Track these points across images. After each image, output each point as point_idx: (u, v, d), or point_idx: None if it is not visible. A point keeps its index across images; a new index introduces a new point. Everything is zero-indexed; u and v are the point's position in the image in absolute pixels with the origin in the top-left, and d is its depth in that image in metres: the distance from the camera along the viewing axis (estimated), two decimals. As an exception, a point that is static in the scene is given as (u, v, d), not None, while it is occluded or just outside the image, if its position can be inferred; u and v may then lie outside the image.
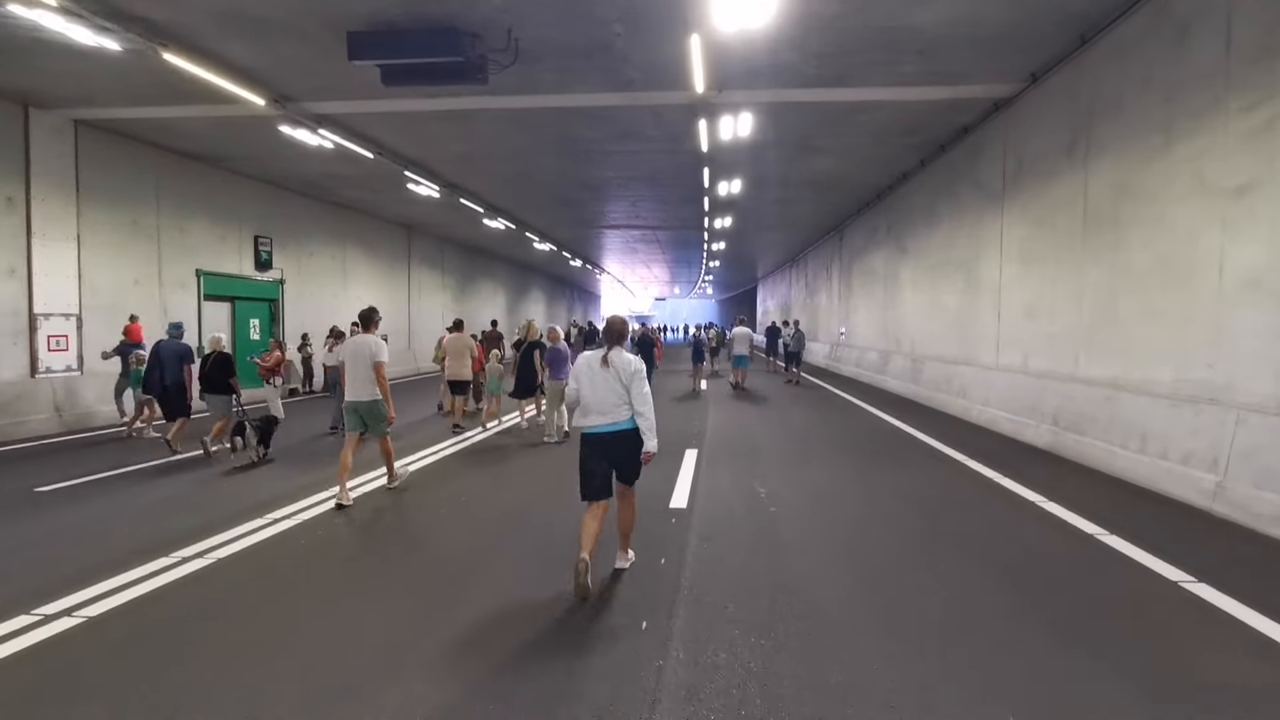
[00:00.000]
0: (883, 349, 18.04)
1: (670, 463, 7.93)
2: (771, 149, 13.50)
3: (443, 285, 28.67)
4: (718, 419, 12.04)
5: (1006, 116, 10.56)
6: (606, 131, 12.50)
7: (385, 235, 23.27)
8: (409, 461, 8.42)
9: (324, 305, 19.61)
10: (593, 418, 4.43)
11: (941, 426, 10.74)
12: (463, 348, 11.09)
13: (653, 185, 17.37)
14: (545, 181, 17.08)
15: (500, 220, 22.18)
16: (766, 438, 10.12)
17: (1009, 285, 10.54)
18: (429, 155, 14.44)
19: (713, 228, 24.24)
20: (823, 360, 25.30)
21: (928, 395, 13.48)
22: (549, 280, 47.77)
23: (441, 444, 9.77)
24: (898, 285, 16.80)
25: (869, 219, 19.60)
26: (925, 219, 14.62)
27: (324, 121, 11.71)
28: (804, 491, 6.84)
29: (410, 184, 16.69)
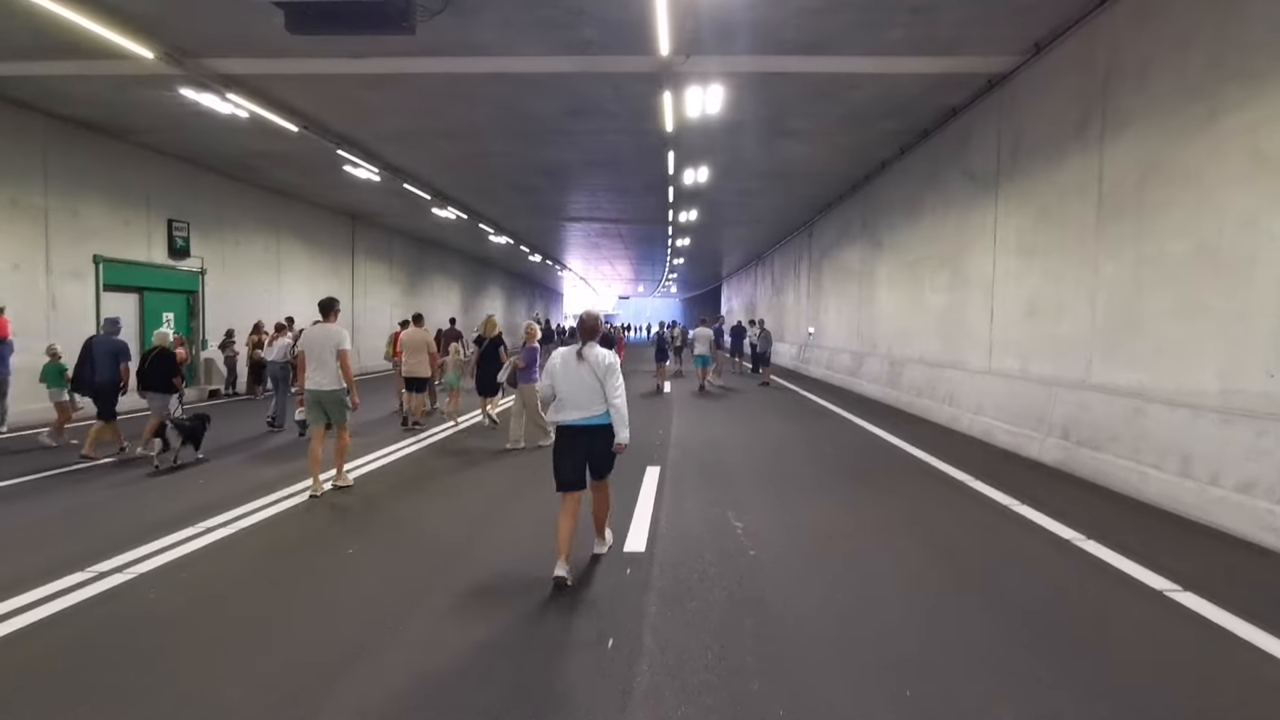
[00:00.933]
0: (856, 350, 17.07)
1: (628, 485, 6.66)
2: (742, 131, 12.33)
3: (391, 279, 26.94)
4: (683, 427, 10.83)
5: (1002, 95, 9.56)
6: (561, 105, 11.17)
7: (326, 224, 21.52)
8: (357, 465, 7.92)
9: (254, 298, 17.84)
10: (568, 412, 4.45)
11: (930, 437, 9.70)
12: (420, 343, 10.64)
13: (614, 172, 16.09)
14: (497, 165, 15.66)
15: (451, 209, 20.65)
16: (738, 451, 8.94)
17: (1004, 281, 9.54)
18: (362, 131, 12.90)
19: (678, 222, 23.07)
20: (790, 361, 24.34)
21: (908, 401, 12.49)
22: (508, 276, 46.09)
23: (396, 444, 9.22)
24: (873, 283, 15.83)
25: (842, 213, 18.63)
26: (905, 211, 13.64)
27: (232, 84, 10.14)
28: (788, 525, 5.63)
29: (347, 166, 15.12)
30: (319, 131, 12.61)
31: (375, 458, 8.43)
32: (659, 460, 8.11)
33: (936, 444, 9.13)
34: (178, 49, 9.03)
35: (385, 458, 8.51)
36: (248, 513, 5.96)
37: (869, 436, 10.07)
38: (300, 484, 6.84)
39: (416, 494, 6.87)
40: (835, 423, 11.51)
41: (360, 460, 8.14)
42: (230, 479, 7.32)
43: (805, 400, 14.85)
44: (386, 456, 8.57)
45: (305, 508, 6.22)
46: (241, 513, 5.95)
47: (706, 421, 11.61)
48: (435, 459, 8.63)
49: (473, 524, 5.84)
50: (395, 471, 7.88)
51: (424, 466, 8.17)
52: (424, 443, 9.57)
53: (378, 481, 7.32)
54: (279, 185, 17.87)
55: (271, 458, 8.65)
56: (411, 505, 6.46)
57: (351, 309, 23.33)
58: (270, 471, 7.66)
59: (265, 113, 11.19)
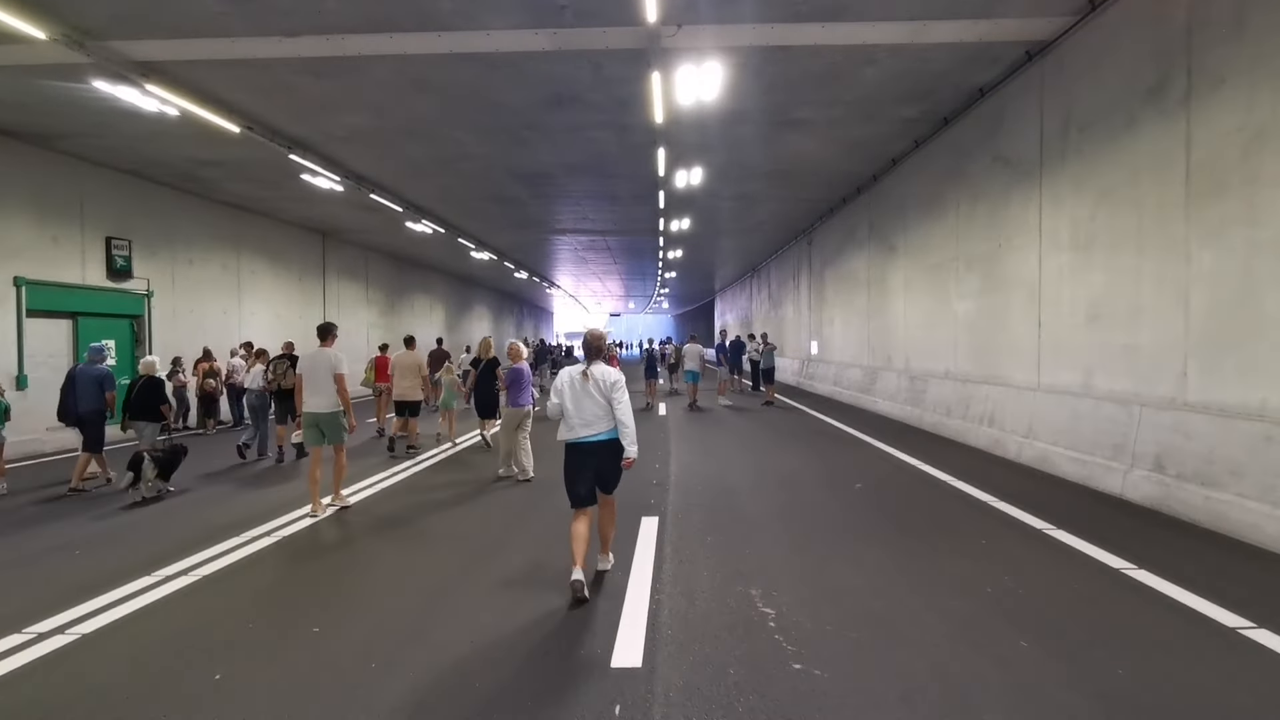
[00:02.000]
0: (868, 365, 15.68)
1: (620, 544, 5.22)
2: (741, 122, 11.00)
3: (368, 299, 25.48)
4: (684, 457, 9.36)
5: (1044, 68, 8.25)
6: (534, 94, 9.81)
7: (293, 242, 20.07)
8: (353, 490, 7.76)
9: (211, 323, 16.35)
10: (577, 430, 4.56)
11: (974, 466, 8.27)
12: (413, 366, 10.54)
13: (599, 177, 14.73)
14: (470, 172, 14.28)
15: (426, 223, 19.25)
16: (751, 490, 7.46)
17: (1055, 282, 8.17)
18: (315, 131, 11.49)
19: (669, 232, 21.73)
20: (793, 378, 22.94)
21: (935, 421, 11.07)
22: (495, 294, 44.69)
23: (386, 471, 8.98)
24: (886, 290, 14.47)
25: (846, 218, 17.33)
26: (923, 211, 12.31)
27: (150, 73, 8.73)
28: (837, 608, 4.15)
29: (305, 175, 13.74)
30: (265, 133, 11.20)
31: (364, 486, 8.07)
32: (657, 506, 6.64)
33: (986, 476, 7.69)
34: (77, 29, 7.63)
35: (374, 486, 8.13)
36: (219, 553, 5.57)
37: (900, 466, 8.62)
38: (274, 521, 6.55)
39: (405, 533, 5.97)
40: (857, 449, 10.06)
41: (355, 486, 7.99)
42: (202, 513, 7.01)
43: (816, 422, 13.41)
44: (375, 485, 8.18)
45: (276, 548, 5.78)
46: (213, 553, 5.56)
47: (710, 450, 10.14)
48: (431, 487, 7.95)
49: (458, 581, 4.37)
50: (387, 502, 7.38)
51: (419, 497, 7.61)
52: (408, 472, 8.42)
53: (370, 513, 6.91)
54: (237, 199, 16.43)
55: (247, 490, 8.20)
56: (397, 547, 5.73)
57: (323, 332, 21.79)
58: (243, 507, 7.15)
59: (198, 109, 9.78)
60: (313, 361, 6.90)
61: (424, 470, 9.11)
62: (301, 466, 9.44)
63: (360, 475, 8.56)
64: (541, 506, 6.93)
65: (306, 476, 7.15)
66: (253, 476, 9.00)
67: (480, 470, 8.99)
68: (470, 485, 8.09)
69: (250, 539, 5.93)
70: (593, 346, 4.73)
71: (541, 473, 8.32)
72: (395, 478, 8.60)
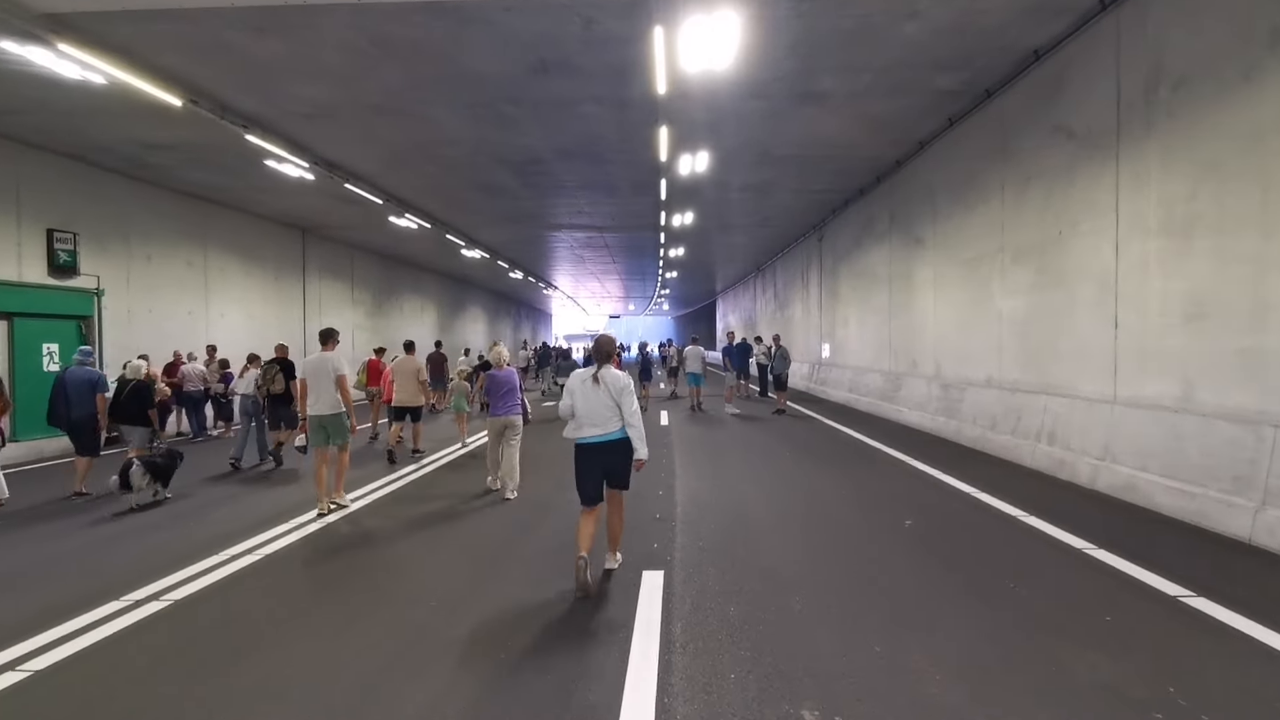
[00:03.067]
0: (889, 370, 14.32)
1: (619, 611, 3.90)
2: (755, 94, 9.65)
3: (353, 300, 24.13)
4: (691, 482, 7.99)
5: (1121, 15, 6.91)
6: (514, 59, 8.46)
7: (269, 237, 18.70)
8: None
9: (174, 325, 14.99)
10: (586, 429, 4.71)
11: (1041, 495, 6.90)
12: (412, 371, 10.39)
13: (595, 163, 13.38)
14: (453, 158, 12.93)
15: (410, 217, 17.89)
16: (777, 531, 6.08)
17: (1138, 273, 6.81)
18: (271, 106, 10.12)
19: (670, 227, 20.39)
20: (802, 382, 21.58)
21: (975, 435, 9.71)
22: (490, 295, 43.31)
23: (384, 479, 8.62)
24: (910, 288, 13.12)
25: (863, 209, 15.98)
26: (956, 198, 10.96)
27: (61, 29, 7.38)
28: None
29: (270, 161, 12.40)
30: (213, 108, 9.85)
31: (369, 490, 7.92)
32: (662, 554, 5.26)
33: (1060, 508, 6.31)
34: (-44, -33, 6.29)
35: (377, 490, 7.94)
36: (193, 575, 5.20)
37: (950, 493, 7.25)
38: (264, 533, 6.28)
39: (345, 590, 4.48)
40: (890, 469, 8.70)
41: (363, 491, 7.90)
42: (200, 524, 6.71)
43: (835, 434, 12.04)
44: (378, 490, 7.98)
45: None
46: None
47: (721, 471, 8.78)
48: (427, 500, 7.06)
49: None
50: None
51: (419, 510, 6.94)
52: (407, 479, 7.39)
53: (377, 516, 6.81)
54: (201, 189, 15.06)
55: (240, 498, 7.85)
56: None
57: (303, 333, 20.47)
58: (223, 522, 6.74)
59: (125, 75, 8.42)
60: (315, 365, 7.08)
61: (408, 485, 8.45)
62: (287, 475, 9.27)
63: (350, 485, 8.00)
64: (519, 544, 5.57)
65: (280, 490, 7.58)
66: (243, 485, 8.64)
67: (471, 483, 8.29)
68: (447, 505, 7.10)
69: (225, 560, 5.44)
70: (603, 351, 4.93)
71: (529, 489, 7.08)
72: (370, 496, 7.34)
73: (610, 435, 4.70)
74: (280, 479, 8.99)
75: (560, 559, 5.09)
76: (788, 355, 15.95)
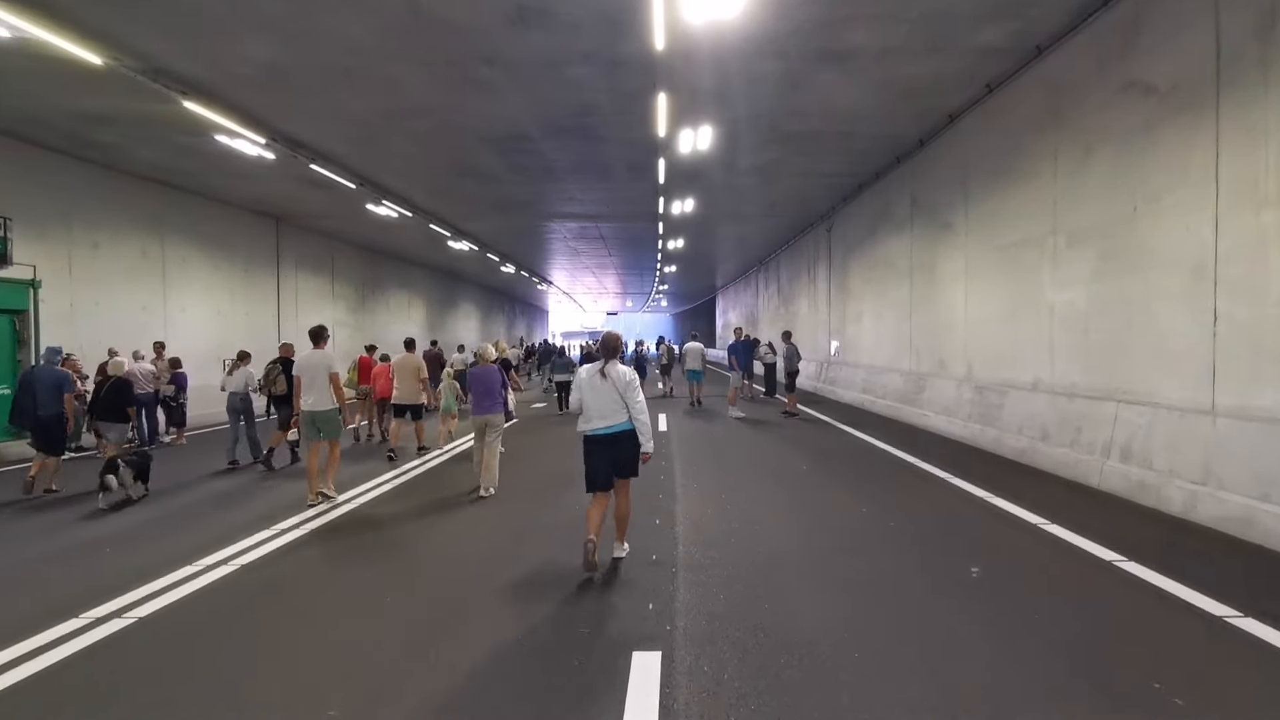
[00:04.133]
0: (910, 369, 13.04)
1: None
2: (768, 53, 8.35)
3: (334, 294, 22.80)
4: (694, 506, 6.68)
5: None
6: (489, 6, 7.14)
7: (237, 225, 17.37)
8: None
9: (126, 319, 13.68)
10: (595, 422, 4.92)
11: (1127, 528, 5.60)
12: (412, 369, 10.26)
13: (586, 139, 12.05)
14: (427, 133, 11.60)
15: (389, 204, 16.56)
16: (808, 580, 4.75)
17: (1249, 254, 5.49)
18: (214, 67, 8.75)
19: (669, 216, 19.08)
20: (809, 382, 20.30)
21: (1023, 447, 8.42)
22: (483, 291, 41.97)
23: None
24: (935, 280, 11.83)
25: (879, 195, 14.68)
26: (994, 176, 9.66)
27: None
28: None
29: (221, 136, 11.08)
30: (142, 69, 8.54)
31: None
32: (658, 620, 3.95)
33: (1176, 556, 4.96)
34: None
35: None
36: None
37: (1015, 525, 5.94)
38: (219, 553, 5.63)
39: None
40: (926, 487, 7.41)
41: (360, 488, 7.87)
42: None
43: (853, 441, 10.75)
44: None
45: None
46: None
47: (729, 490, 7.48)
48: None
49: None
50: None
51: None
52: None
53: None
54: (155, 171, 13.73)
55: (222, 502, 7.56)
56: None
57: (277, 329, 19.15)
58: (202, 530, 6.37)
59: (25, 24, 7.11)
60: (309, 362, 7.28)
61: (390, 492, 8.02)
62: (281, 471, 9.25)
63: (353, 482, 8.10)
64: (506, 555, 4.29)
65: (254, 495, 7.59)
66: (234, 485, 8.46)
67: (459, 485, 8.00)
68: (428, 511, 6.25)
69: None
70: (610, 347, 5.13)
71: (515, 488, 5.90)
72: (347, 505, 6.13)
73: (616, 427, 4.90)
74: (277, 475, 9.02)
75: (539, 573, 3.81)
76: (797, 353, 14.64)
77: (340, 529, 6.27)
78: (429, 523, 6.44)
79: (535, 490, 7.74)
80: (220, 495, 7.87)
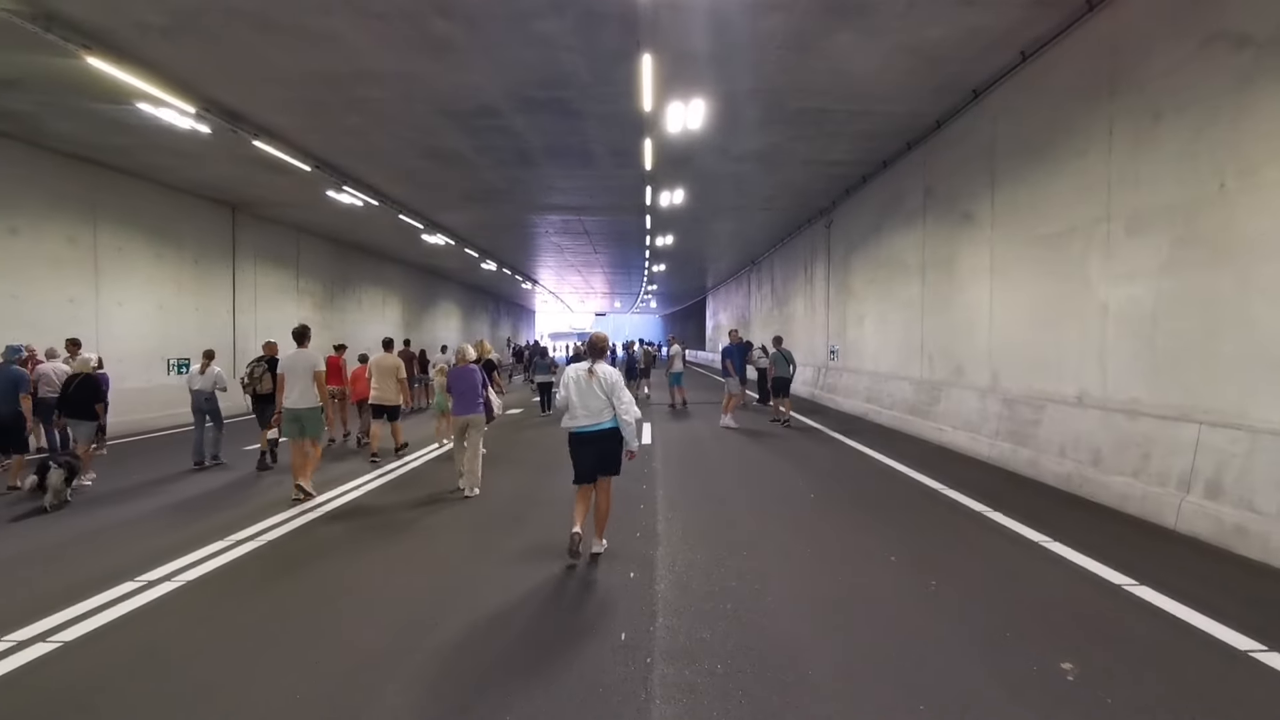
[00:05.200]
0: (922, 377, 11.77)
1: None
2: (774, 3, 7.06)
3: (299, 290, 21.28)
4: (679, 550, 5.33)
5: None
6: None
7: (185, 212, 15.85)
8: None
9: (49, 314, 12.18)
10: (581, 419, 5.11)
11: (1258, 594, 4.35)
12: (391, 369, 10.10)
13: (562, 114, 10.69)
14: (384, 106, 10.20)
15: (350, 190, 15.13)
16: (840, 682, 3.48)
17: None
18: (114, 11, 7.37)
19: (657, 209, 17.76)
20: (805, 388, 19.04)
21: (1065, 472, 7.14)
22: (465, 290, 40.45)
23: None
24: (953, 277, 10.57)
25: (886, 186, 13.43)
26: (1030, 154, 8.40)
27: None
28: None
29: (144, 104, 9.68)
30: (32, 13, 7.14)
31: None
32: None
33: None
34: None
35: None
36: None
37: (1098, 588, 4.59)
38: None
39: None
40: (971, 529, 6.10)
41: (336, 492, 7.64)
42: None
43: (865, 460, 9.44)
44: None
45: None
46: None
47: (724, 526, 6.15)
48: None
49: None
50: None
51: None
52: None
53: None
54: (83, 148, 12.27)
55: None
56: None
57: (233, 327, 17.69)
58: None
59: None
60: (293, 362, 7.39)
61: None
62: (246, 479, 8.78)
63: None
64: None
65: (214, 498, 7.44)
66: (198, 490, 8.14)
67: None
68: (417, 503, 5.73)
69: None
70: (597, 347, 5.33)
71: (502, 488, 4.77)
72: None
73: (601, 425, 5.09)
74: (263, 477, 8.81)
75: None
76: (791, 358, 13.35)
77: (314, 531, 4.95)
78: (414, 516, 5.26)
79: (513, 499, 6.50)
80: (210, 494, 7.87)
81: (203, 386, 9.61)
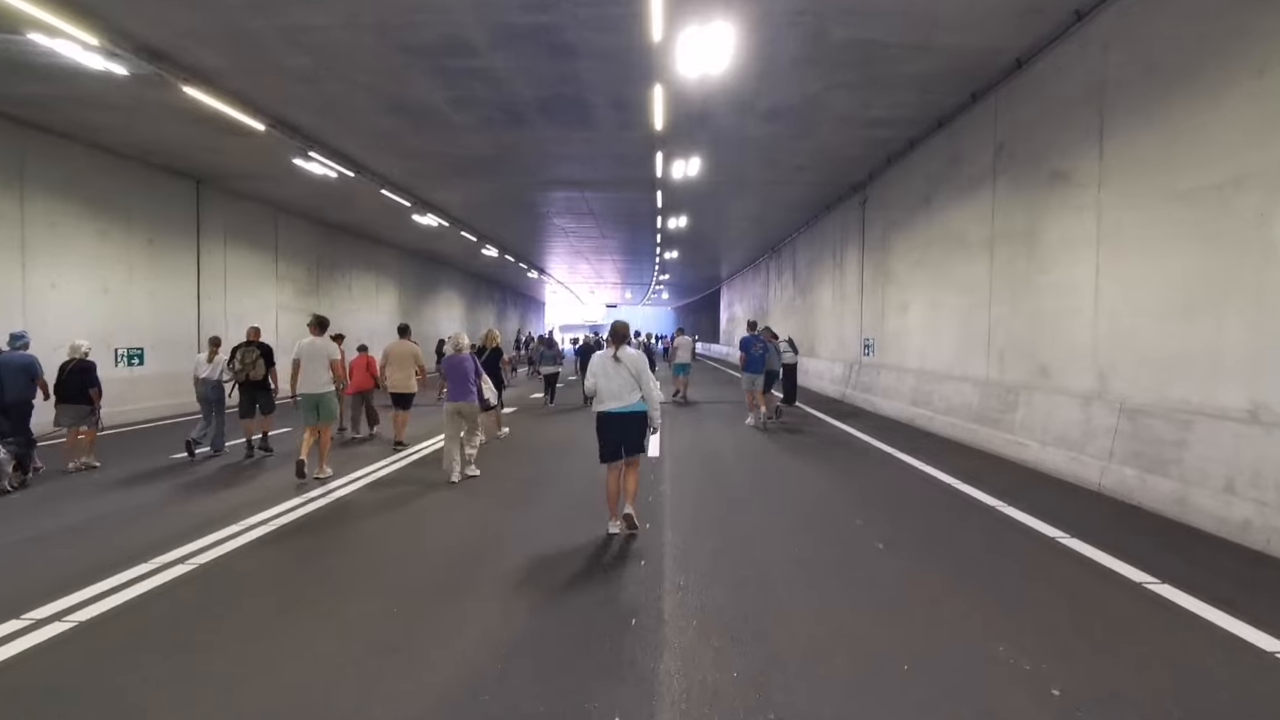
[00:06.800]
0: (990, 377, 9.70)
1: None
2: None
3: (279, 275, 19.48)
4: (689, 643, 3.40)
5: None
6: None
7: (138, 185, 14.02)
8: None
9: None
10: (609, 402, 5.38)
11: None
12: (408, 357, 9.82)
13: (550, 51, 8.66)
14: (324, 35, 8.28)
15: (319, 158, 13.21)
16: None
17: None
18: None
19: (669, 183, 15.72)
20: (833, 387, 16.96)
21: (1242, 517, 5.06)
22: (468, 278, 38.54)
23: None
24: (1035, 253, 8.49)
25: (940, 149, 11.32)
26: (1163, 89, 6.29)
27: None
28: None
29: (34, 33, 7.81)
30: None
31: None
32: None
33: None
34: None
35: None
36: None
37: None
38: None
39: None
40: (1126, 606, 4.08)
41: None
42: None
43: (929, 483, 7.39)
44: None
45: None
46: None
47: (751, 582, 4.19)
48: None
49: None
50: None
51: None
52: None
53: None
54: (9, 104, 10.46)
55: None
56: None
57: (197, 314, 15.91)
58: None
59: None
60: (312, 349, 7.63)
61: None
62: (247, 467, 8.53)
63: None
64: None
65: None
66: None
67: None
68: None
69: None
70: (619, 334, 5.55)
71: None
72: None
73: (629, 407, 5.36)
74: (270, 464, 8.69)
75: None
76: (777, 351, 11.35)
77: None
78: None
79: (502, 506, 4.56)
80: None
81: (210, 375, 9.43)
